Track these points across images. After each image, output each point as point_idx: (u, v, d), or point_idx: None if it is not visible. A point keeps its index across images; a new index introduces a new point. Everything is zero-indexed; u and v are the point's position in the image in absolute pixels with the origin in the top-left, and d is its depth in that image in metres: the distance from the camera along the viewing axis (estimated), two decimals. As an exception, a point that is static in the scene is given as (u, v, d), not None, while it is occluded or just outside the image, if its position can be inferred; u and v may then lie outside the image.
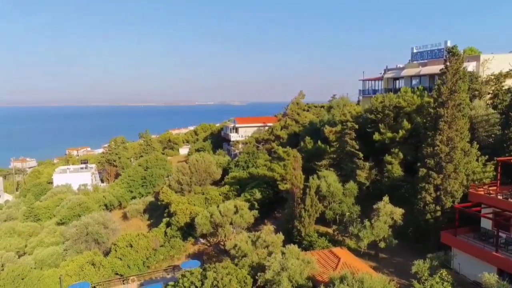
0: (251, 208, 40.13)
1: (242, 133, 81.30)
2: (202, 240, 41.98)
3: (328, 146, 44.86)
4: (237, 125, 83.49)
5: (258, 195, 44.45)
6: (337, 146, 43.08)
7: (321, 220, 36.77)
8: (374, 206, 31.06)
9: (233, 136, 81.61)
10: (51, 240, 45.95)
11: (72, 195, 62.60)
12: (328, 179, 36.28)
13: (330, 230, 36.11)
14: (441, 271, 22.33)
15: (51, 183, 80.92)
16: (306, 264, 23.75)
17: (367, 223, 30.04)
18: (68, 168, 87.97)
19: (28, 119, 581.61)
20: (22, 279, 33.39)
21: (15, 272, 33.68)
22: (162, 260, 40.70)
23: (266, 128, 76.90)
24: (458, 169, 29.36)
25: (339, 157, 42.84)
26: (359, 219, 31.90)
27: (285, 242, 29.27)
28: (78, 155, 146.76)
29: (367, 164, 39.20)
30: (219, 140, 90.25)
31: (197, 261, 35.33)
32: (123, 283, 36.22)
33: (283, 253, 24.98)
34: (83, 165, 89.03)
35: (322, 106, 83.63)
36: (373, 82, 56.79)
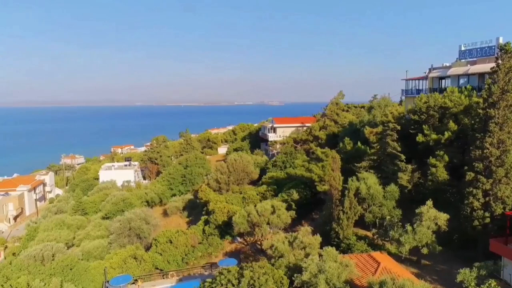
0: (288, 208, 39.97)
1: (280, 133, 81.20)
2: (239, 239, 42.39)
3: (368, 148, 43.77)
4: (275, 125, 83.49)
5: (295, 195, 44.20)
6: (378, 147, 41.93)
7: (360, 223, 35.95)
8: (417, 211, 29.91)
9: (271, 136, 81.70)
10: (97, 233, 48.19)
11: (116, 191, 65.40)
12: (368, 181, 35.40)
13: (369, 234, 35.22)
14: (490, 282, 21.09)
15: (98, 179, 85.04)
16: (344, 268, 23.30)
17: (409, 227, 29.00)
18: (113, 165, 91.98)
19: (78, 119, 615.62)
20: (71, 269, 35.30)
21: (65, 262, 35.68)
22: (200, 257, 41.52)
23: (304, 128, 76.26)
24: (510, 174, 27.62)
25: (379, 159, 41.68)
26: (400, 223, 30.86)
27: (322, 244, 28.90)
28: (122, 153, 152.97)
29: (410, 167, 37.82)
30: (257, 140, 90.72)
31: (234, 260, 35.78)
32: (163, 278, 37.37)
33: (320, 255, 24.66)
34: (127, 163, 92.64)
35: (362, 107, 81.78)
36: (417, 81, 54.64)
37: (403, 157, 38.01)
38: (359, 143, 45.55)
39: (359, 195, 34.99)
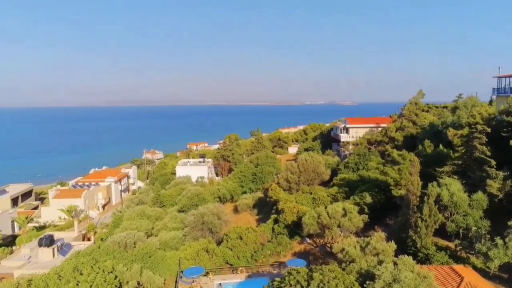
0: (361, 212, 38.51)
1: (353, 134, 78.63)
2: (308, 240, 41.90)
3: (451, 151, 40.40)
4: (347, 125, 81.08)
5: (368, 199, 42.43)
6: (463, 151, 38.45)
7: (440, 232, 33.26)
8: (509, 223, 26.85)
9: (343, 137, 79.53)
10: (173, 225, 51.03)
11: (191, 186, 68.72)
12: (451, 187, 32.62)
13: (451, 245, 32.46)
14: None
15: (174, 174, 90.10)
16: (422, 279, 21.74)
17: (499, 241, 26.12)
18: (188, 162, 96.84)
19: (159, 117, 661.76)
20: (150, 257, 37.87)
21: (144, 250, 38.40)
22: (269, 255, 41.82)
23: (379, 129, 72.92)
24: None
25: (464, 164, 38.18)
26: (488, 236, 27.93)
27: (397, 252, 27.34)
28: (197, 150, 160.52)
29: (501, 174, 34.04)
30: (328, 140, 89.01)
31: (303, 261, 35.43)
32: (233, 272, 38.35)
33: (395, 264, 23.32)
34: (201, 159, 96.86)
35: (445, 107, 75.99)
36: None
37: (493, 162, 34.34)
38: (441, 146, 42.24)
39: (440, 202, 32.40)
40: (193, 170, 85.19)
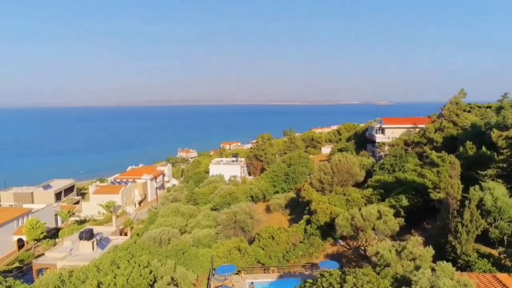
0: (396, 215, 37.34)
1: (389, 135, 76.53)
2: (341, 242, 41.19)
3: (495, 154, 38.32)
4: (383, 126, 79.01)
5: (404, 202, 41.11)
6: (508, 153, 36.42)
7: (483, 238, 31.64)
8: (560, 231, 25.11)
9: (379, 137, 77.62)
10: (206, 223, 51.82)
11: (224, 185, 69.54)
12: (495, 192, 30.94)
13: (494, 252, 30.79)
14: None
15: (208, 172, 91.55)
16: (463, 287, 20.77)
17: (548, 250, 24.52)
18: (221, 160, 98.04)
19: (193, 116, 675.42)
20: (183, 253, 38.63)
21: (178, 246, 39.21)
22: (301, 256, 41.51)
23: (417, 130, 70.48)
24: None
25: (510, 167, 36.15)
26: (537, 244, 26.28)
27: (435, 258, 26.26)
28: (230, 149, 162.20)
29: (551, 178, 31.97)
30: (363, 141, 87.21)
31: (335, 263, 34.89)
32: (264, 272, 38.38)
33: (433, 270, 22.40)
34: (234, 158, 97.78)
35: (489, 107, 72.35)
36: None
37: (542, 166, 32.34)
38: (483, 148, 40.14)
39: (483, 207, 30.80)
40: (226, 169, 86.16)
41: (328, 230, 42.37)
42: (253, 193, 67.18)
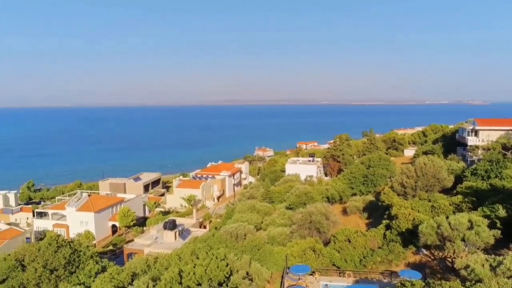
0: (491, 226, 33.59)
1: (483, 137, 69.40)
2: (424, 251, 38.36)
3: None
4: (477, 127, 71.80)
5: (502, 212, 36.81)
6: None
7: None
8: None
9: (471, 140, 70.80)
10: (281, 221, 52.11)
11: (299, 184, 69.24)
12: None
13: None
14: None
15: (284, 171, 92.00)
16: None
17: None
18: (298, 160, 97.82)
19: (271, 115, 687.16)
20: (258, 249, 39.33)
21: (254, 242, 40.02)
22: (379, 262, 39.55)
23: (519, 132, 62.78)
24: None
25: None
26: None
27: (539, 278, 23.09)
28: (306, 149, 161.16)
29: None
30: (452, 144, 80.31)
31: (417, 272, 32.61)
32: (340, 275, 37.36)
33: (536, 291, 19.76)
34: (310, 158, 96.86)
35: None
36: None
37: None
38: None
39: None
40: (302, 169, 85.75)
41: (409, 237, 39.75)
42: (329, 194, 65.84)
